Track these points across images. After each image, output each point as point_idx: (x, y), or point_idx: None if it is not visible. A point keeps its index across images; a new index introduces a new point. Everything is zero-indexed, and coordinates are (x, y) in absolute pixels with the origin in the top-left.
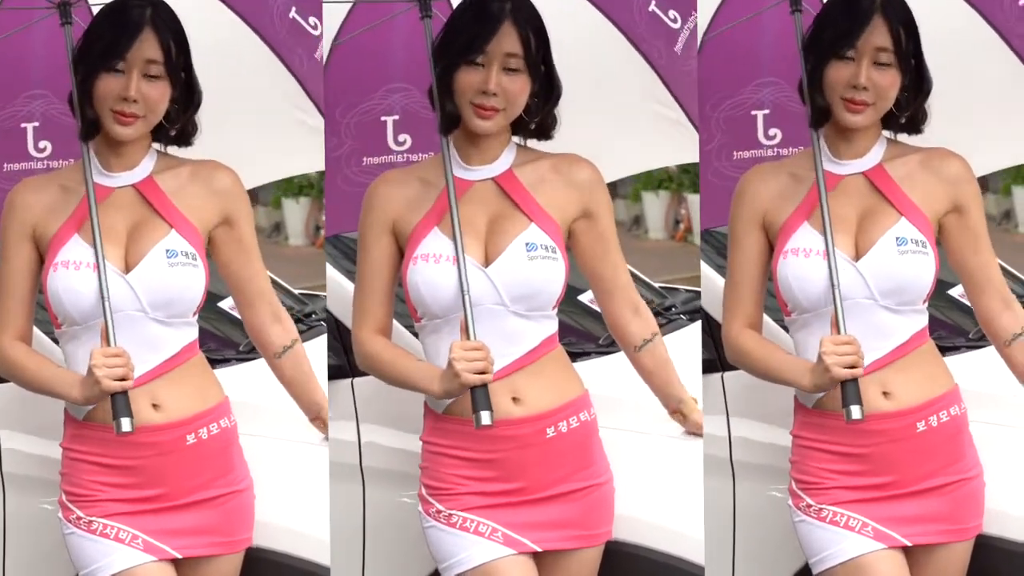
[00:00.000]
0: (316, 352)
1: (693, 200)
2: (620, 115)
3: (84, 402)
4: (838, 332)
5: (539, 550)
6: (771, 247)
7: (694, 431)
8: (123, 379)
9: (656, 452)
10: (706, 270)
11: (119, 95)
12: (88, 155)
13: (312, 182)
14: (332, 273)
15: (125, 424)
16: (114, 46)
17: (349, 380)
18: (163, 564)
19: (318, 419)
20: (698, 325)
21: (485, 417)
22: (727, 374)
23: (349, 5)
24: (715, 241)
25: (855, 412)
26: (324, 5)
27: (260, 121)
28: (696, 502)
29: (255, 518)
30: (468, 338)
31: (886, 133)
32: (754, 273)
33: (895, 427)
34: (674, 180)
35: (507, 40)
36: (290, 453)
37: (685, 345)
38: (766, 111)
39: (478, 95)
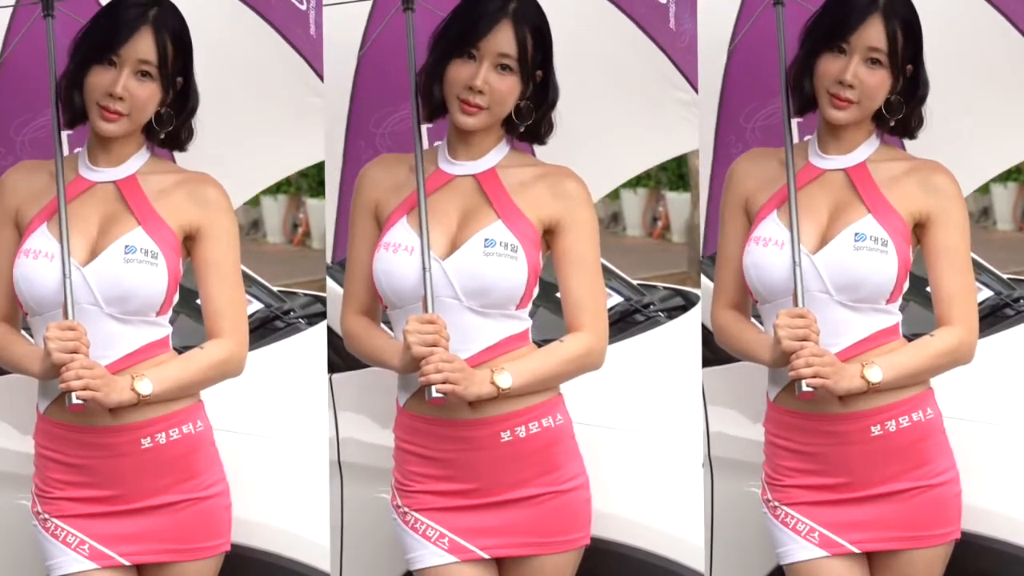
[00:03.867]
0: (301, 348)
1: (671, 197)
2: (632, 101)
3: (42, 376)
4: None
5: (487, 557)
6: None
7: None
8: (75, 352)
9: (644, 451)
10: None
11: (106, 90)
12: (59, 147)
13: (290, 180)
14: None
15: (73, 396)
16: (109, 40)
17: (327, 376)
18: (108, 571)
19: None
20: (681, 321)
21: (434, 389)
22: (705, 369)
23: (367, 16)
24: None
25: (803, 384)
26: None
27: (263, 105)
28: (687, 502)
29: (249, 519)
30: (425, 311)
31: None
32: (737, 256)
33: (847, 429)
34: (652, 177)
35: (503, 39)
36: (279, 451)
37: (670, 342)
38: (799, 119)
39: (465, 90)
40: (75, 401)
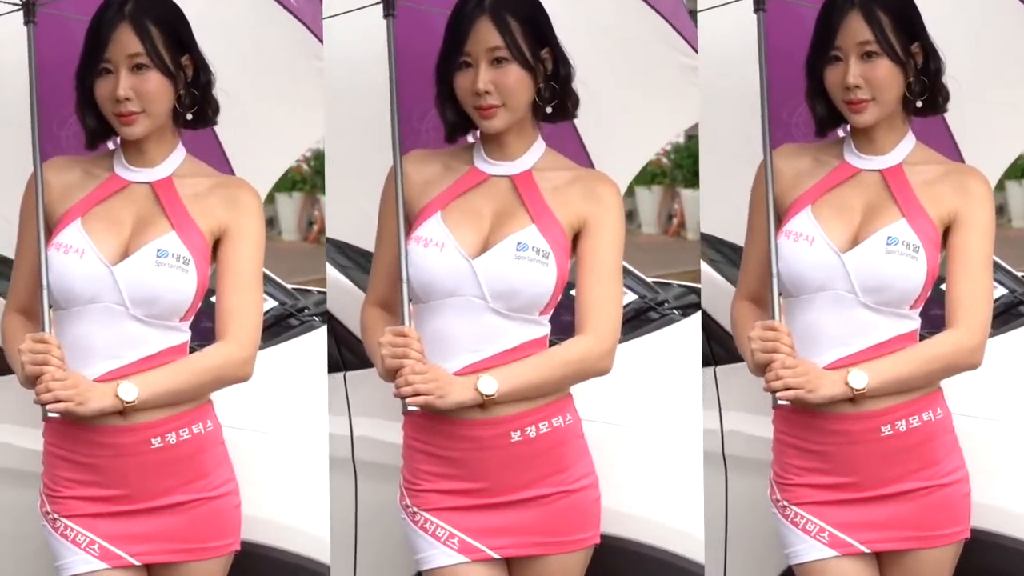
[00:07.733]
0: (313, 346)
1: (686, 195)
2: (647, 74)
3: (23, 385)
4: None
5: (497, 557)
6: None
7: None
8: (44, 364)
9: (654, 448)
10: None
11: (112, 97)
12: (38, 155)
13: (305, 177)
14: (329, 268)
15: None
16: (96, 48)
17: (342, 374)
18: (119, 571)
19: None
20: (694, 320)
21: (407, 402)
22: (720, 368)
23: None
24: None
25: (777, 397)
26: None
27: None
28: (695, 499)
29: (256, 515)
30: (402, 323)
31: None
32: (762, 250)
33: (857, 429)
34: (667, 175)
35: (486, 35)
36: (288, 449)
37: (680, 340)
38: None
39: (473, 97)
40: (50, 414)
